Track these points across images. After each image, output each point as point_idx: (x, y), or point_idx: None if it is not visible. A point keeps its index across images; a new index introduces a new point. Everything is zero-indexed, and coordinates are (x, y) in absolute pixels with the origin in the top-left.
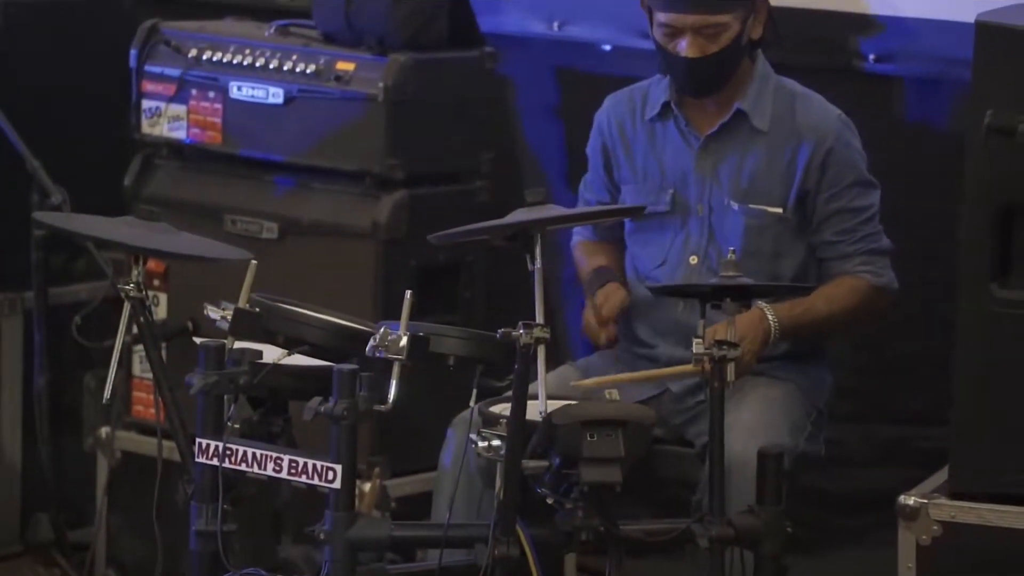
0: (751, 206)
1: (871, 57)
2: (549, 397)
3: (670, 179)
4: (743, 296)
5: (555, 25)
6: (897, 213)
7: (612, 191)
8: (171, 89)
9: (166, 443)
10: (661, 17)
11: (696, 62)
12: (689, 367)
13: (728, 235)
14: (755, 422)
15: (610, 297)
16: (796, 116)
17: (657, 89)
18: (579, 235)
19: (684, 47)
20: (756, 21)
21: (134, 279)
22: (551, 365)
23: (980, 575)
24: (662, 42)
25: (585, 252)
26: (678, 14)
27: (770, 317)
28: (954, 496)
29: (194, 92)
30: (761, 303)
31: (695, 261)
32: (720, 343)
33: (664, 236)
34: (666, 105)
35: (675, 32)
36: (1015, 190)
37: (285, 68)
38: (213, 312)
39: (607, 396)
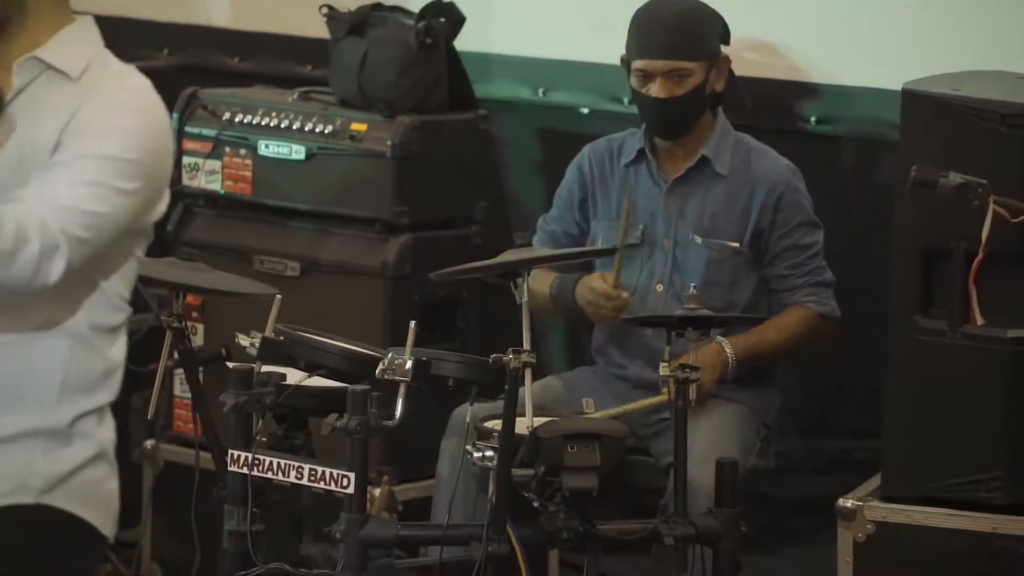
0: (712, 241)
1: (813, 119)
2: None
3: (641, 216)
4: (703, 326)
5: (540, 92)
6: (837, 254)
7: (581, 224)
8: (208, 147)
9: (203, 454)
10: (637, 64)
11: (664, 102)
12: (662, 397)
13: (691, 266)
14: (709, 444)
15: (598, 282)
16: (751, 165)
17: (632, 140)
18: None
19: (654, 89)
20: (718, 76)
21: (175, 311)
22: (535, 380)
23: (908, 568)
24: (636, 86)
25: (537, 276)
26: (651, 60)
27: (727, 350)
28: (886, 499)
29: (227, 149)
30: (720, 337)
31: (661, 288)
32: (683, 367)
33: (634, 265)
34: (640, 152)
35: (647, 76)
36: (936, 235)
37: (306, 129)
38: (243, 340)
39: (584, 405)
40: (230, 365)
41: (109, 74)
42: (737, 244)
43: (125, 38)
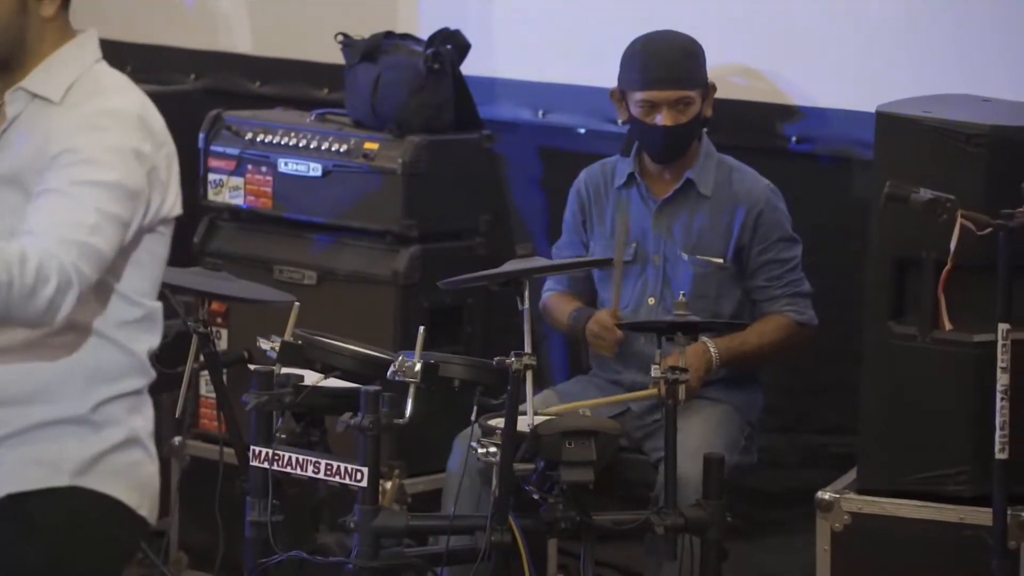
0: (698, 257)
1: (794, 139)
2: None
3: (633, 235)
4: (692, 331)
5: (540, 113)
6: (815, 264)
7: (588, 245)
8: (231, 165)
9: (226, 450)
10: (640, 96)
11: (671, 130)
12: (649, 391)
13: (680, 281)
14: (698, 441)
15: (604, 313)
16: (733, 185)
17: (622, 164)
18: (550, 291)
19: (661, 119)
20: (708, 103)
21: (201, 317)
22: (536, 388)
23: (881, 556)
24: (640, 116)
25: (559, 301)
26: (658, 91)
27: (712, 349)
28: (861, 492)
29: (250, 167)
30: (705, 338)
31: (652, 302)
32: (673, 368)
33: (628, 281)
34: (630, 176)
35: (653, 106)
36: (907, 247)
37: (323, 148)
38: (264, 344)
39: (581, 413)
40: (252, 367)
41: (91, 92)
42: (721, 260)
43: (157, 64)
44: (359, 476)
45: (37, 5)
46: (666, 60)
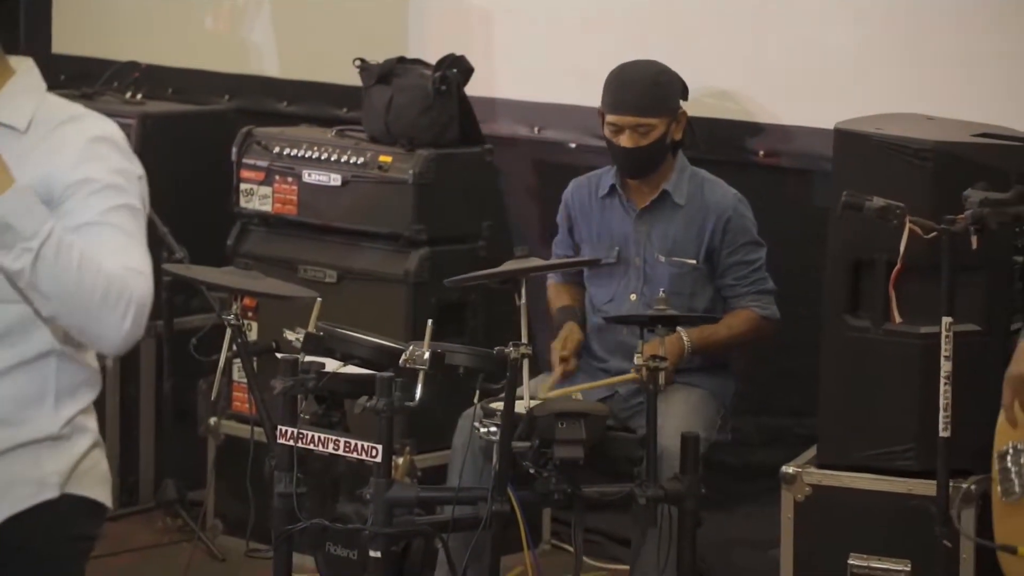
0: (674, 259)
1: (760, 153)
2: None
3: (616, 240)
4: (669, 323)
5: (535, 129)
6: (779, 265)
7: (574, 247)
8: (261, 176)
9: (256, 429)
10: (609, 118)
11: (631, 151)
12: (631, 375)
13: (658, 280)
14: (677, 422)
15: (568, 339)
16: (705, 195)
17: (607, 177)
18: (552, 278)
19: (623, 140)
20: (677, 128)
21: (234, 312)
22: (532, 373)
23: (838, 523)
24: (609, 135)
25: (555, 292)
26: (620, 115)
27: (684, 339)
28: (820, 467)
29: (277, 177)
30: (680, 328)
31: (634, 298)
32: (654, 357)
33: (612, 280)
34: (612, 187)
35: (618, 129)
36: (862, 249)
37: (342, 160)
38: (290, 335)
39: (573, 398)
40: (279, 356)
41: (63, 120)
42: (694, 261)
43: (195, 86)
44: (374, 453)
45: None
46: (631, 88)
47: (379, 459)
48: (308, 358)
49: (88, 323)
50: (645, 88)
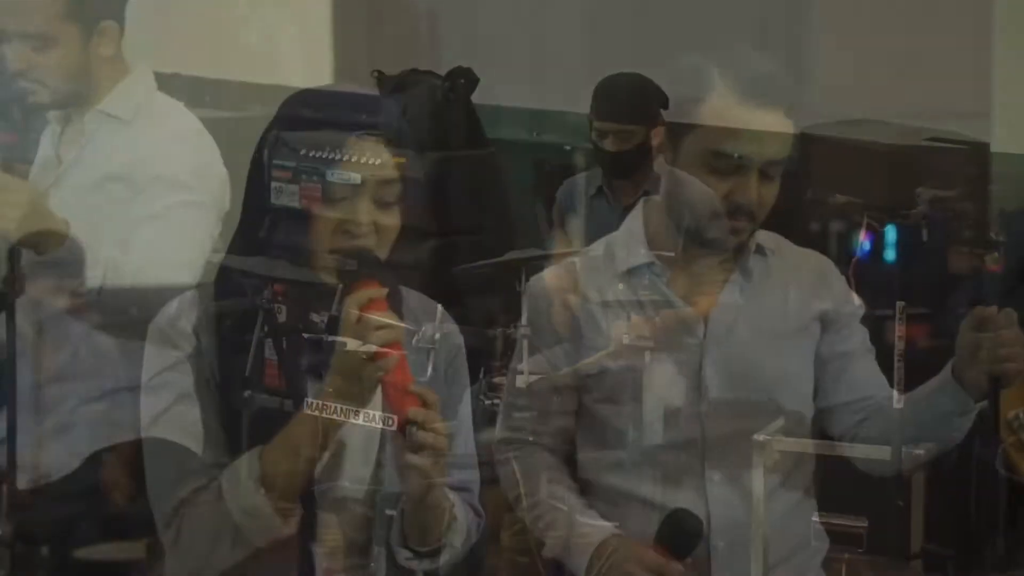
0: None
1: (736, 156)
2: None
3: (602, 234)
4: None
5: (534, 134)
6: None
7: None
8: (288, 175)
9: (285, 401)
10: (597, 123)
11: (613, 155)
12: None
13: None
14: None
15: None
16: None
17: (595, 178)
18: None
19: (608, 144)
20: (656, 134)
21: (265, 296)
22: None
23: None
24: (595, 139)
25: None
26: (606, 122)
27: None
28: (787, 435)
29: (303, 176)
30: None
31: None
32: (639, 337)
33: None
34: (599, 188)
35: (602, 133)
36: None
37: (361, 161)
38: (315, 317)
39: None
40: (305, 336)
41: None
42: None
43: (230, 94)
44: (390, 422)
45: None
46: (615, 97)
47: (395, 427)
48: (331, 338)
49: None
50: (628, 96)
